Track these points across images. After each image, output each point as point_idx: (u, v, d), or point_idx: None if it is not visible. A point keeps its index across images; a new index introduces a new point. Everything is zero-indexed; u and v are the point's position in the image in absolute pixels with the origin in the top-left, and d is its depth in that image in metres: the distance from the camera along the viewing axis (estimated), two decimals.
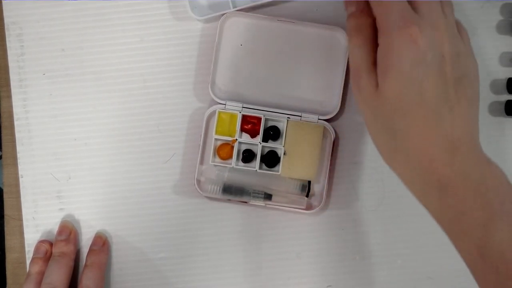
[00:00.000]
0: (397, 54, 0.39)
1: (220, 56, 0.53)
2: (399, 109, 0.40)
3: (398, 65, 0.39)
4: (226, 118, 0.52)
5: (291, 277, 0.54)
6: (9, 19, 0.54)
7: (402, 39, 0.39)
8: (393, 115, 0.40)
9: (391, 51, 0.39)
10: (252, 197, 0.52)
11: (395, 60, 0.39)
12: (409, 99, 0.39)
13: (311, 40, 0.53)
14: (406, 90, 0.39)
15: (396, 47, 0.39)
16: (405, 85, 0.39)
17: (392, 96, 0.40)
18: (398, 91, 0.39)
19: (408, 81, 0.39)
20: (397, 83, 0.39)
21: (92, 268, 0.52)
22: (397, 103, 0.40)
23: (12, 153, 0.55)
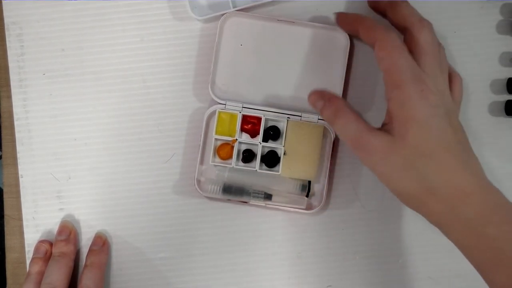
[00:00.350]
0: (414, 107, 0.43)
1: (220, 56, 0.53)
2: (426, 153, 0.43)
3: (418, 116, 0.43)
4: (226, 118, 0.52)
5: (291, 277, 0.54)
6: (9, 19, 0.54)
7: (417, 94, 0.43)
8: (421, 160, 0.43)
9: (408, 103, 0.43)
10: (252, 197, 0.52)
11: (413, 111, 0.43)
12: (434, 143, 0.43)
13: (311, 40, 0.53)
14: (429, 136, 0.43)
15: (412, 100, 0.43)
16: (427, 132, 0.43)
17: (416, 143, 0.43)
18: (421, 137, 0.43)
19: (429, 129, 0.43)
20: (420, 131, 0.43)
21: (92, 268, 0.52)
22: (423, 148, 0.43)
23: (12, 153, 0.55)
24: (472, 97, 0.54)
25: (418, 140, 0.43)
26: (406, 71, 0.44)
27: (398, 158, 0.44)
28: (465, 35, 0.54)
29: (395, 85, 0.44)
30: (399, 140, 0.44)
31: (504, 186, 0.54)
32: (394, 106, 0.44)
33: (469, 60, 0.54)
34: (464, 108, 0.54)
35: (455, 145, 0.44)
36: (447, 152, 0.43)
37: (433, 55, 0.46)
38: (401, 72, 0.44)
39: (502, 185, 0.54)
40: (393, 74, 0.44)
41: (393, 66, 0.44)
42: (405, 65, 0.44)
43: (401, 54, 0.44)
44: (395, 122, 0.44)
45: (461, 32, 0.54)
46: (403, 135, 0.43)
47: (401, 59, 0.44)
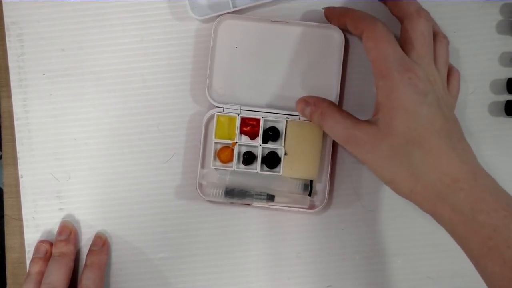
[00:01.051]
0: (402, 94, 0.43)
1: (216, 59, 0.53)
2: (413, 140, 0.43)
3: (405, 104, 0.43)
4: (225, 121, 0.52)
5: (291, 277, 0.54)
6: (9, 19, 0.54)
7: (403, 82, 0.43)
8: (407, 147, 0.43)
9: (395, 92, 0.44)
10: (255, 199, 0.52)
11: (400, 99, 0.43)
12: (422, 129, 0.43)
13: (306, 39, 0.53)
14: (416, 123, 0.43)
15: (399, 88, 0.43)
16: (415, 119, 0.43)
17: (404, 130, 0.43)
18: (409, 125, 0.43)
19: (417, 116, 0.43)
20: (407, 118, 0.43)
21: (92, 268, 0.52)
22: (410, 135, 0.43)
23: (12, 153, 0.55)
24: (472, 97, 0.54)
25: (405, 127, 0.43)
26: (392, 60, 0.44)
27: (385, 146, 0.44)
28: (465, 35, 0.54)
29: (381, 75, 0.44)
30: (385, 129, 0.44)
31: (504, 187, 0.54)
32: (381, 95, 0.44)
33: (469, 60, 0.54)
34: (464, 108, 0.54)
35: (445, 132, 0.44)
36: (435, 138, 0.43)
37: (424, 45, 0.46)
38: (387, 61, 0.44)
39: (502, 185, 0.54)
40: (380, 64, 0.44)
41: (380, 56, 0.44)
42: (391, 55, 0.44)
43: (388, 43, 0.44)
44: (381, 111, 0.44)
45: (461, 32, 0.54)
46: (389, 123, 0.44)
47: (388, 49, 0.44)
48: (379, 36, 0.45)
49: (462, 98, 0.54)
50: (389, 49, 0.44)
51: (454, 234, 0.43)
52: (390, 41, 0.45)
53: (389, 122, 0.44)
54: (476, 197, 0.42)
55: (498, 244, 0.41)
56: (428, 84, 0.44)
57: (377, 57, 0.45)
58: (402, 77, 0.43)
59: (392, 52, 0.44)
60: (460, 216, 0.42)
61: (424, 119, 0.43)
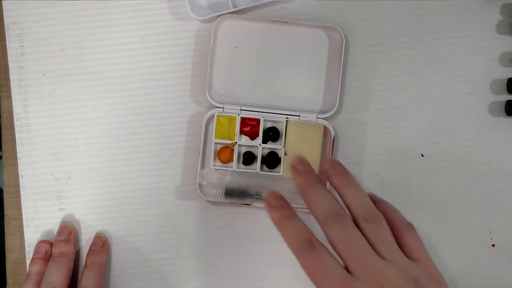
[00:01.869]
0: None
1: (216, 59, 0.53)
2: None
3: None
4: (225, 122, 0.52)
5: (291, 277, 0.54)
6: (9, 19, 0.54)
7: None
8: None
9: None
10: (255, 199, 0.52)
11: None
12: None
13: (306, 39, 0.53)
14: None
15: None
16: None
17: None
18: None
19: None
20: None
21: (91, 268, 0.52)
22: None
23: (12, 153, 0.55)
24: (472, 97, 0.54)
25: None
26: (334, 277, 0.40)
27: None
28: (465, 35, 0.54)
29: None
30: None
31: (504, 187, 0.54)
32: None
33: (469, 60, 0.54)
34: (464, 108, 0.54)
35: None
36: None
37: (359, 250, 0.40)
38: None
39: (502, 185, 0.54)
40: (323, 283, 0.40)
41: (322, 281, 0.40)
42: (332, 279, 0.40)
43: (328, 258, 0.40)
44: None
45: (461, 32, 0.54)
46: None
47: (330, 274, 0.40)
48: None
49: (462, 98, 0.54)
50: (330, 273, 0.40)
51: None
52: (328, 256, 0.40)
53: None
54: None
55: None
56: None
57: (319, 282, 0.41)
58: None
59: (333, 283, 0.40)
60: None
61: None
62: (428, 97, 0.54)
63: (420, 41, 0.54)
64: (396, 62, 0.54)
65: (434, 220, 0.52)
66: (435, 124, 0.54)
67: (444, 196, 0.54)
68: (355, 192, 0.44)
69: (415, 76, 0.54)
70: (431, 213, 0.52)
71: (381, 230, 0.42)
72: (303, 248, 0.41)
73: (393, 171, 0.54)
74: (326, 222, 0.41)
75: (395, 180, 0.54)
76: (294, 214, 0.44)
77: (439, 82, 0.54)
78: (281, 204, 0.45)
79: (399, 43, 0.54)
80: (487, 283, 0.53)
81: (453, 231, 0.53)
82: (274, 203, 0.45)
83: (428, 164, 0.54)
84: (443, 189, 0.54)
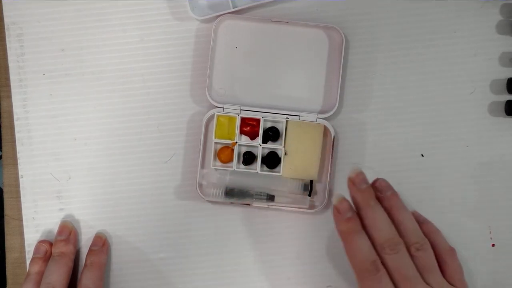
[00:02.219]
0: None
1: (216, 59, 0.53)
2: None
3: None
4: (225, 122, 0.52)
5: (291, 277, 0.54)
6: (9, 19, 0.54)
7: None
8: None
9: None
10: (255, 199, 0.52)
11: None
12: None
13: (306, 39, 0.53)
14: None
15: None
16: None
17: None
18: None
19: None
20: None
21: (91, 268, 0.52)
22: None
23: (12, 153, 0.55)
24: (472, 97, 0.54)
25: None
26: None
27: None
28: (465, 35, 0.54)
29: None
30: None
31: (504, 187, 0.54)
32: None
33: (469, 60, 0.54)
34: (464, 108, 0.54)
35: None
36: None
37: (412, 281, 0.44)
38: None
39: (502, 185, 0.54)
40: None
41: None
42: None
43: None
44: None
45: (461, 32, 0.54)
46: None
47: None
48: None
49: (462, 98, 0.54)
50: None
51: None
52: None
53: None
54: None
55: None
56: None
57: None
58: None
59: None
60: None
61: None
62: (428, 97, 0.54)
63: (420, 41, 0.54)
64: (396, 62, 0.54)
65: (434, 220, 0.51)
66: (435, 124, 0.54)
67: (444, 196, 0.54)
68: (406, 218, 0.46)
69: (415, 76, 0.54)
70: (431, 213, 0.52)
71: (429, 259, 0.45)
72: (367, 270, 0.44)
73: (393, 171, 0.54)
74: (384, 249, 0.44)
75: (395, 180, 0.53)
76: (361, 229, 0.45)
77: (439, 82, 0.54)
78: (351, 216, 0.45)
79: (399, 43, 0.54)
80: (487, 283, 0.53)
81: (453, 231, 0.53)
82: (343, 214, 0.45)
83: (428, 164, 0.54)
84: (443, 189, 0.54)
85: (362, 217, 0.46)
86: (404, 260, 0.44)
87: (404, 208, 0.47)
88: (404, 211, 0.47)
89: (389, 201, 0.47)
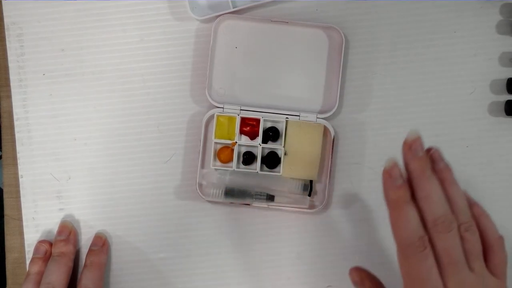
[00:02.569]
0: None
1: (216, 59, 0.53)
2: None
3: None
4: (225, 122, 0.52)
5: (291, 277, 0.54)
6: (9, 19, 0.54)
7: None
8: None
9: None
10: (255, 199, 0.52)
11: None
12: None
13: (306, 39, 0.53)
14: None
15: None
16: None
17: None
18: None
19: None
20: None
21: (91, 268, 0.52)
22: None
23: (12, 153, 0.55)
24: (472, 97, 0.54)
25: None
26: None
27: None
28: (465, 35, 0.54)
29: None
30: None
31: (503, 186, 0.54)
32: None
33: (469, 60, 0.54)
34: (464, 108, 0.54)
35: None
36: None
37: (458, 265, 0.41)
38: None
39: (502, 185, 0.54)
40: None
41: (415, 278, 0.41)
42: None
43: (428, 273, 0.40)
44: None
45: (461, 32, 0.54)
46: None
47: (424, 271, 0.40)
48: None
49: (462, 98, 0.54)
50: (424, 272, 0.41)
51: None
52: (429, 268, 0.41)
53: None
54: None
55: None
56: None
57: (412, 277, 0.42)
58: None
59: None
60: None
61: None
62: (428, 97, 0.54)
63: (420, 41, 0.54)
64: (396, 62, 0.54)
65: None
66: (435, 124, 0.54)
67: None
68: (458, 194, 0.43)
69: (415, 76, 0.54)
70: None
71: (476, 243, 0.42)
72: (414, 246, 0.41)
73: None
74: (436, 226, 0.41)
75: None
76: (411, 200, 0.41)
77: (439, 82, 0.54)
78: (402, 184, 0.41)
79: (399, 43, 0.54)
80: None
81: None
82: (394, 180, 0.41)
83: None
84: None
85: (415, 188, 0.42)
86: (455, 241, 0.41)
87: (456, 184, 0.43)
88: (457, 186, 0.43)
89: (442, 173, 0.43)
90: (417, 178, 0.42)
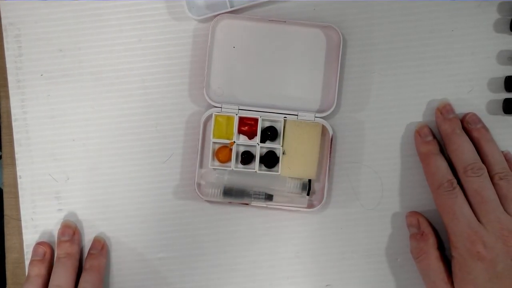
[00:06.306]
0: (472, 270, 0.45)
1: (214, 59, 0.53)
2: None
3: (474, 280, 0.45)
4: (223, 121, 0.52)
5: (290, 276, 0.54)
6: (7, 20, 0.54)
7: (471, 259, 0.45)
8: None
9: (464, 268, 0.46)
10: (253, 199, 0.52)
11: (470, 275, 0.45)
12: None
13: (303, 38, 0.53)
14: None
15: (468, 265, 0.45)
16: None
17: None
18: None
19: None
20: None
21: (90, 271, 0.51)
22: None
23: (11, 153, 0.55)
24: (470, 95, 0.54)
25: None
26: (460, 233, 0.45)
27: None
28: (463, 33, 0.54)
29: (454, 246, 0.46)
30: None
31: None
32: (454, 265, 0.47)
33: (467, 59, 0.54)
34: (462, 107, 0.54)
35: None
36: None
37: (489, 203, 0.46)
38: (456, 235, 0.46)
39: None
40: (452, 237, 0.46)
41: (453, 231, 0.46)
42: (461, 229, 0.46)
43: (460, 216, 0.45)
44: (456, 280, 0.47)
45: (459, 30, 0.54)
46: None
47: (461, 223, 0.45)
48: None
49: (460, 97, 0.54)
50: (461, 222, 0.46)
51: None
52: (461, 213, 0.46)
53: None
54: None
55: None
56: (497, 252, 0.45)
57: (450, 231, 0.47)
58: (470, 253, 0.45)
59: (463, 225, 0.46)
60: None
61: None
62: (426, 96, 0.54)
63: (418, 40, 0.54)
64: (393, 61, 0.54)
65: (435, 218, 0.52)
66: (433, 123, 0.54)
67: None
68: (494, 150, 0.48)
69: (412, 75, 0.54)
70: (431, 213, 0.52)
71: (510, 189, 0.47)
72: (443, 186, 0.47)
73: (391, 170, 0.54)
74: (466, 172, 0.47)
75: (394, 179, 0.54)
76: (439, 153, 0.49)
77: (437, 81, 0.54)
78: (431, 140, 0.50)
79: (396, 42, 0.54)
80: None
81: None
82: (424, 137, 0.50)
83: None
84: None
85: (446, 144, 0.49)
86: (485, 183, 0.46)
87: (493, 141, 0.49)
88: (493, 143, 0.48)
89: (479, 132, 0.49)
90: (448, 135, 0.49)
